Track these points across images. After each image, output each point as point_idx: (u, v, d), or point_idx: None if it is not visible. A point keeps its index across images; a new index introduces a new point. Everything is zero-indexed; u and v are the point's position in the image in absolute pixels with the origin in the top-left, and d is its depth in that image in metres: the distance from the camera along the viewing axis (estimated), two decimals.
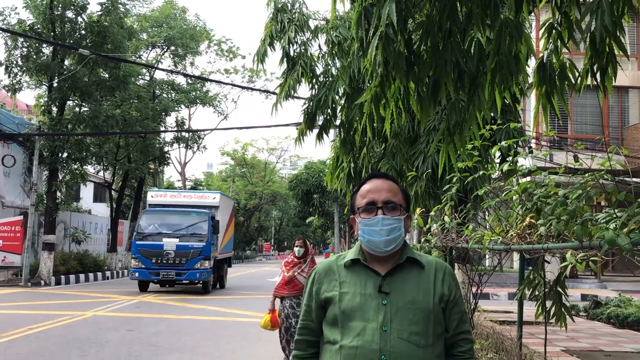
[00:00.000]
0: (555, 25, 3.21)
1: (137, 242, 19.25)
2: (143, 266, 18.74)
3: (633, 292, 14.76)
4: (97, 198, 41.25)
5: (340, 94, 7.88)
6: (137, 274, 18.99)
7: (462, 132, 3.65)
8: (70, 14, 22.91)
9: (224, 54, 40.27)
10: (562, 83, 3.29)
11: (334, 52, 7.78)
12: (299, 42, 7.86)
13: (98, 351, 9.17)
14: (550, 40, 3.25)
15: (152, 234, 19.31)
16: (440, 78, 3.34)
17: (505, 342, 6.80)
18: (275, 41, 7.77)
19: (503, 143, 5.52)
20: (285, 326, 7.64)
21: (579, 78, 3.18)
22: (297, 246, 7.88)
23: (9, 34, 22.10)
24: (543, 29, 3.27)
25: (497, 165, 7.80)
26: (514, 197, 4.78)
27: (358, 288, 2.19)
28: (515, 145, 8.04)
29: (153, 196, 22.65)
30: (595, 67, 2.99)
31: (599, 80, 3.03)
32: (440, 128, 3.83)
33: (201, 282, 19.48)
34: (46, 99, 23.02)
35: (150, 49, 34.29)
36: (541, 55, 3.33)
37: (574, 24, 3.14)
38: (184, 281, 19.61)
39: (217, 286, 22.00)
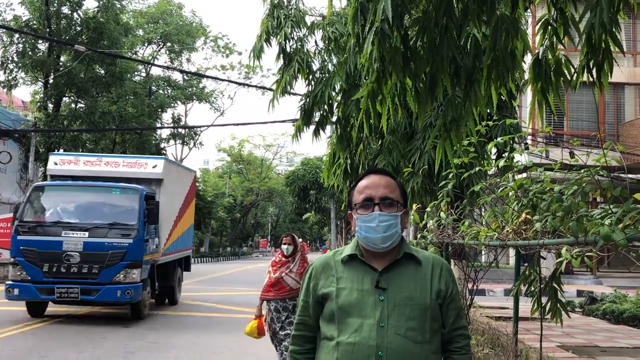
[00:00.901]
0: (551, 21, 3.21)
1: (20, 238, 11.50)
2: (28, 277, 11.27)
3: (628, 288, 14.80)
4: None
5: (336, 90, 7.87)
6: (16, 291, 11.29)
7: (459, 128, 3.65)
8: (66, 10, 22.89)
9: (220, 50, 40.27)
10: (558, 79, 3.29)
11: (330, 48, 7.78)
12: (295, 38, 7.85)
13: (95, 347, 9.16)
14: (546, 37, 3.25)
15: (44, 224, 11.79)
16: (437, 74, 3.35)
17: (501, 338, 6.82)
18: (272, 37, 7.76)
19: (499, 139, 5.53)
20: (271, 332, 7.00)
21: (575, 74, 3.19)
22: (284, 243, 7.08)
23: (4, 30, 22.03)
24: (539, 25, 3.27)
25: (493, 161, 7.82)
26: (510, 193, 4.79)
27: (355, 284, 2.19)
28: (511, 142, 8.08)
29: (57, 162, 14.14)
30: (591, 63, 2.99)
31: (595, 76, 3.03)
32: (436, 124, 3.83)
33: (128, 303, 11.88)
34: (42, 95, 22.99)
35: (146, 45, 34.27)
36: (537, 51, 3.34)
37: (570, 20, 3.14)
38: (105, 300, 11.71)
39: (166, 302, 14.94)
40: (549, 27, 3.22)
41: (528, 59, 3.62)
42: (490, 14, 3.21)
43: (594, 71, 3.03)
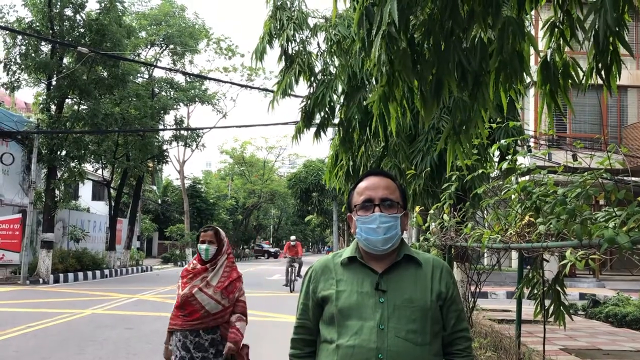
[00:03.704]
0: (557, 23, 3.19)
1: None
2: None
3: (631, 291, 14.76)
4: (96, 196, 41.23)
5: (338, 93, 7.85)
6: None
7: (468, 130, 3.63)
8: (68, 12, 22.90)
9: (223, 52, 40.26)
10: (566, 81, 3.27)
11: (332, 50, 7.76)
12: (298, 40, 7.84)
13: (96, 349, 9.15)
14: (553, 39, 3.23)
15: None
16: (443, 77, 3.32)
17: (504, 341, 6.80)
18: (274, 39, 7.74)
19: (502, 142, 5.51)
20: None
21: (585, 77, 3.16)
22: (202, 241, 4.46)
23: (7, 32, 22.06)
24: (545, 27, 3.25)
25: (496, 163, 7.80)
26: (513, 196, 4.77)
27: (355, 286, 2.17)
28: (514, 144, 8.06)
29: None
30: (599, 66, 2.96)
31: (604, 78, 3.00)
32: (445, 127, 3.81)
33: None
34: (45, 97, 22.99)
35: (149, 47, 34.28)
36: (544, 53, 3.31)
37: (576, 22, 3.12)
38: None
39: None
40: (556, 30, 3.19)
41: (531, 61, 3.59)
42: (495, 17, 3.18)
43: (602, 73, 3.00)
